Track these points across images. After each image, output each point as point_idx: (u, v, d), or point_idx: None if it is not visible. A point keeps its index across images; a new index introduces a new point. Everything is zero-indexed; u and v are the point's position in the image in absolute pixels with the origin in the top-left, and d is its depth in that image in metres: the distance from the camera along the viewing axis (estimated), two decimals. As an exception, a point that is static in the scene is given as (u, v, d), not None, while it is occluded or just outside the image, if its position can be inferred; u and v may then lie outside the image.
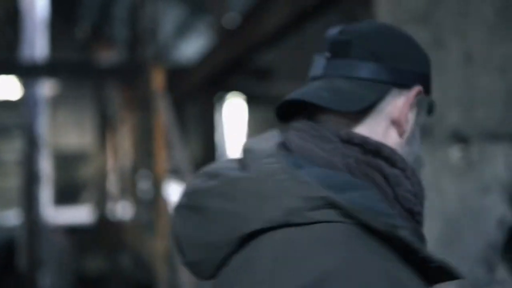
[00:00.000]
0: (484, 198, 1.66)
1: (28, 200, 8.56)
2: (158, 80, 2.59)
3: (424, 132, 0.77)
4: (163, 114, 2.31)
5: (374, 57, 0.66)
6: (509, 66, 1.55)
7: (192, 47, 15.03)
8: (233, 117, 9.62)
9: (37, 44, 8.71)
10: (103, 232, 7.94)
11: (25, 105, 8.77)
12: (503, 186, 1.59)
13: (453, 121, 1.78)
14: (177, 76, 6.81)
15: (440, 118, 1.82)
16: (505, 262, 1.64)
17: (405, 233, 0.55)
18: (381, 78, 0.66)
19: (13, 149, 13.95)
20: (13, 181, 13.42)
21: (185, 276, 2.04)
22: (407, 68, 0.68)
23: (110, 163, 6.97)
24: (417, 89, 0.67)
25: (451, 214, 1.80)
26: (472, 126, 1.70)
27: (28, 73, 6.80)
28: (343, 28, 0.70)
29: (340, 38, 0.69)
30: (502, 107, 1.58)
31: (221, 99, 5.94)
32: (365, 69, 0.66)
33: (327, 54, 0.70)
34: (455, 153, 1.79)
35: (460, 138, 1.76)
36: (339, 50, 0.68)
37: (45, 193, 9.52)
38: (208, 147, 5.71)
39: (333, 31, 0.71)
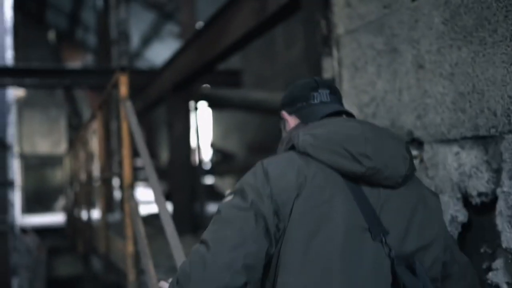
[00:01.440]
0: (437, 198, 1.73)
1: (-2, 206, 8.40)
2: (123, 85, 2.60)
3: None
4: (128, 121, 2.33)
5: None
6: (457, 72, 1.63)
7: (164, 51, 14.96)
8: (201, 121, 9.65)
9: (5, 48, 8.55)
10: (73, 236, 7.85)
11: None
12: (454, 187, 1.66)
13: (407, 125, 1.85)
14: (149, 79, 6.81)
15: (395, 122, 1.90)
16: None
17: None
18: None
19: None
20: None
21: (153, 278, 2.07)
22: None
23: (80, 169, 6.89)
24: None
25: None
26: (425, 130, 1.77)
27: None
28: (324, 80, 1.47)
29: (333, 85, 1.42)
30: (452, 112, 1.66)
31: (191, 103, 5.94)
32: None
33: (327, 90, 1.37)
34: (410, 155, 1.86)
35: (414, 141, 1.84)
36: (333, 90, 1.39)
37: (16, 199, 9.37)
38: (181, 149, 5.71)
39: (320, 79, 1.41)
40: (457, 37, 1.62)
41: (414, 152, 1.83)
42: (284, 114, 1.38)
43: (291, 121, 1.37)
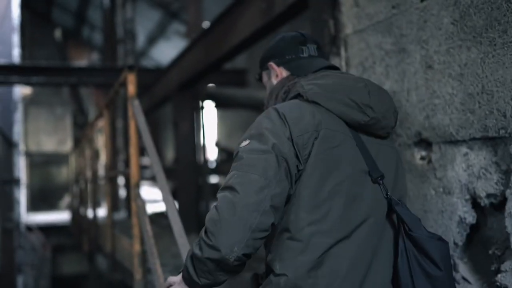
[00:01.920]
0: (446, 199, 1.73)
1: (5, 202, 8.44)
2: (131, 84, 2.61)
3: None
4: (136, 119, 2.33)
5: None
6: (467, 73, 1.62)
7: (170, 50, 14.97)
8: (207, 120, 9.66)
9: (12, 46, 8.59)
10: (79, 234, 7.88)
11: (0, 107, 8.65)
12: (462, 188, 1.66)
13: (416, 125, 1.84)
14: (155, 78, 6.82)
15: (404, 122, 1.89)
16: (466, 262, 1.71)
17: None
18: None
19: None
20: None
21: (160, 277, 2.07)
22: None
23: (86, 167, 6.91)
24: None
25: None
26: (433, 131, 1.76)
27: (3, 75, 6.70)
28: (310, 35, 1.50)
29: (318, 41, 1.49)
30: (461, 113, 1.65)
31: (196, 103, 5.94)
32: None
33: (315, 45, 1.45)
34: (418, 156, 1.85)
35: (423, 142, 1.83)
36: (319, 45, 1.47)
37: (22, 197, 9.41)
38: (187, 148, 5.72)
39: (307, 34, 1.48)
40: (466, 38, 1.61)
41: (423, 153, 1.83)
42: (272, 65, 1.45)
43: (279, 72, 1.44)
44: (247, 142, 1.20)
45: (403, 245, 1.20)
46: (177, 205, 5.45)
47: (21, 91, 9.85)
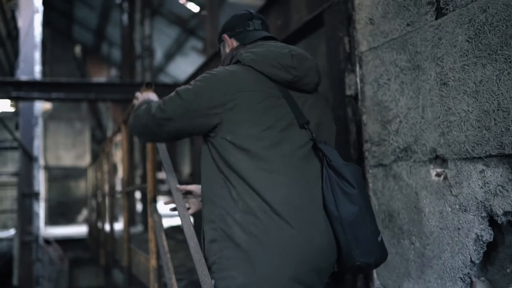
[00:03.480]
0: (462, 216, 1.71)
1: (24, 215, 8.55)
2: (149, 101, 2.64)
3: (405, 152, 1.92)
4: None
5: None
6: (482, 90, 1.62)
7: (187, 67, 15.13)
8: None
9: (34, 62, 8.78)
10: (96, 248, 7.93)
11: (22, 122, 8.81)
12: (479, 205, 1.65)
13: (431, 142, 1.84)
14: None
15: (419, 139, 1.89)
16: (484, 280, 1.69)
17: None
18: None
19: (11, 165, 13.92)
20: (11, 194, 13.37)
21: (175, 294, 2.08)
22: None
23: (103, 181, 6.99)
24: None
25: (430, 232, 1.86)
26: (449, 147, 1.76)
27: (25, 91, 6.84)
28: (257, 13, 1.81)
29: (262, 17, 1.80)
30: (476, 130, 1.65)
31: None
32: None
33: (260, 20, 1.78)
34: (433, 172, 1.85)
35: (438, 159, 1.83)
36: (263, 21, 1.78)
37: (41, 210, 9.52)
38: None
39: (254, 12, 1.80)
40: (481, 55, 1.62)
41: (438, 170, 1.82)
42: (226, 37, 1.79)
43: (231, 43, 1.78)
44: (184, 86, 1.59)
45: (326, 173, 1.51)
46: (192, 220, 5.46)
47: (41, 106, 10.03)
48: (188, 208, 1.91)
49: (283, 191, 1.46)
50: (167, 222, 7.01)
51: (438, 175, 1.83)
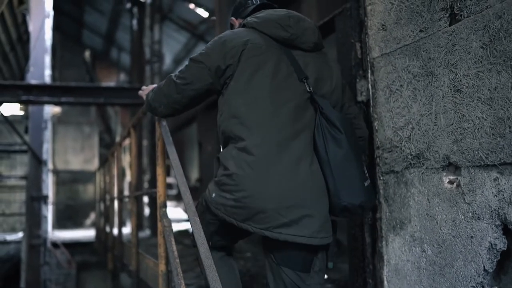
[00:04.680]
0: (475, 224, 1.70)
1: (33, 219, 8.58)
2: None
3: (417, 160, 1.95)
4: (163, 140, 2.37)
5: None
6: (496, 97, 1.60)
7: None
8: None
9: (44, 67, 8.84)
10: (104, 252, 7.94)
11: (31, 126, 8.87)
12: (493, 213, 1.63)
13: (444, 149, 1.83)
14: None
15: (431, 146, 1.88)
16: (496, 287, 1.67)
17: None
18: None
19: (20, 168, 14.00)
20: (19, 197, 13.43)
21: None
22: None
23: (112, 185, 7.00)
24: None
25: (443, 240, 1.84)
26: (462, 155, 1.74)
27: (35, 95, 6.89)
28: None
29: None
30: (490, 137, 1.63)
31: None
32: None
33: None
34: (446, 180, 1.83)
35: (451, 166, 1.81)
36: None
37: (49, 213, 9.55)
38: (212, 168, 5.75)
39: None
40: (496, 62, 1.60)
41: (451, 177, 1.80)
42: (233, 19, 2.06)
43: (237, 22, 2.04)
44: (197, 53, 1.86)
45: (319, 120, 1.72)
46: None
47: (51, 110, 10.08)
48: None
49: (273, 131, 1.70)
50: (175, 227, 7.00)
51: (451, 182, 1.81)
